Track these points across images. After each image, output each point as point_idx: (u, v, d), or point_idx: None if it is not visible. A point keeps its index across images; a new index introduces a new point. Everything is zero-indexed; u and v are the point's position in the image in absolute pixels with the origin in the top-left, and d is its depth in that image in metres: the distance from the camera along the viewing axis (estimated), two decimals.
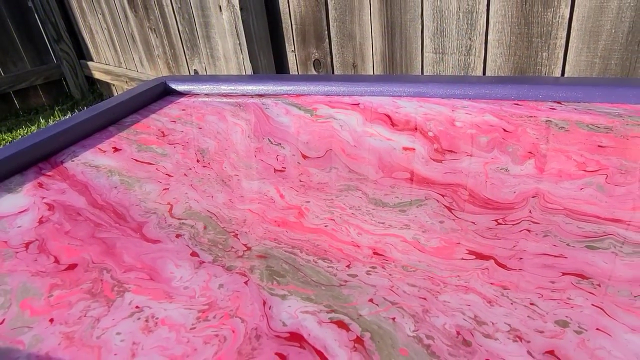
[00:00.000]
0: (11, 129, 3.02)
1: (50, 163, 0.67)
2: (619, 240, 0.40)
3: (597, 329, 0.32)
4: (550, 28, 1.33)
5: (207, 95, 0.87)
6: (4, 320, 0.39)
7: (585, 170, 0.51)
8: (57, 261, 0.45)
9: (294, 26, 1.98)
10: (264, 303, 0.38)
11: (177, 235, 0.48)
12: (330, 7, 1.81)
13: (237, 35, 2.00)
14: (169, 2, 2.50)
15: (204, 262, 0.43)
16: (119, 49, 3.05)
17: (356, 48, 1.83)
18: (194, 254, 0.45)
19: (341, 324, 0.35)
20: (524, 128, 0.61)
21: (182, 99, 0.87)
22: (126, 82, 3.00)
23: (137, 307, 0.39)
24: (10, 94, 3.29)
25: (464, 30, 1.50)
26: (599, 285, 0.36)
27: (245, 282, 0.40)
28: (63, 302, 0.40)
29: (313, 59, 2.00)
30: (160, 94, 0.89)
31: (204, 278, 0.41)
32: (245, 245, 0.45)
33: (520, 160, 0.55)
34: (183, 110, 0.82)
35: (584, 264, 0.38)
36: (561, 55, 1.34)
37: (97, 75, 3.25)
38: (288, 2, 1.94)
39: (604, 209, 0.44)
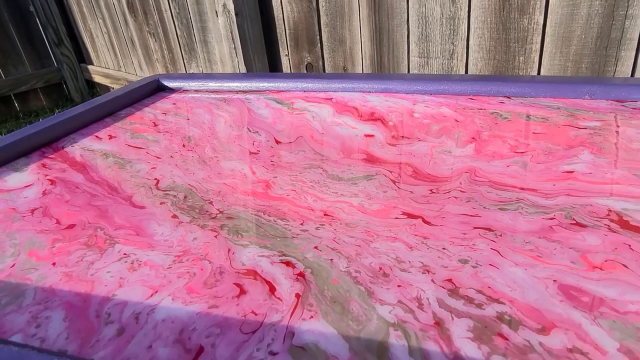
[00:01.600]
0: (11, 131, 3.12)
1: (53, 148, 0.76)
2: (527, 203, 0.49)
3: (490, 264, 0.41)
4: (526, 34, 1.43)
5: (196, 91, 0.97)
6: (14, 264, 0.48)
7: (515, 152, 0.60)
8: (58, 222, 0.55)
9: (287, 31, 2.09)
10: (229, 250, 0.47)
11: (161, 203, 0.57)
12: (321, 13, 1.92)
13: (233, 39, 2.10)
14: (168, 7, 2.62)
15: (182, 222, 0.53)
16: (118, 53, 3.16)
17: (346, 52, 1.93)
18: (174, 216, 0.54)
19: (289, 264, 0.44)
20: (473, 119, 0.71)
21: (173, 95, 0.96)
22: (125, 85, 3.10)
23: (124, 254, 0.48)
24: (11, 97, 3.40)
25: (447, 36, 1.60)
26: (501, 236, 0.45)
27: (215, 236, 0.49)
28: (63, 252, 0.49)
29: (306, 63, 2.11)
30: (153, 90, 0.99)
31: (181, 233, 0.50)
32: (218, 209, 0.55)
33: (463, 144, 0.64)
34: (174, 104, 0.91)
35: (493, 220, 0.47)
36: (536, 59, 1.44)
37: (97, 78, 3.37)
38: (282, 8, 2.04)
39: (522, 181, 0.54)
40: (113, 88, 3.32)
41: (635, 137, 0.60)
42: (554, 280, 0.39)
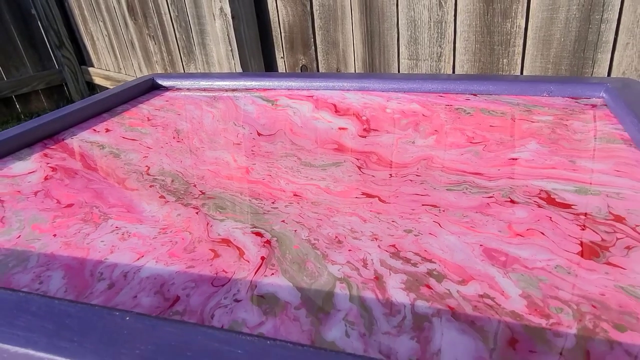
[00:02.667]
0: None
1: (54, 140, 0.84)
2: (472, 185, 0.57)
3: (430, 233, 0.49)
4: (509, 37, 1.50)
5: (188, 89, 1.05)
6: (20, 235, 0.55)
7: (471, 142, 0.68)
8: (58, 202, 0.62)
9: (282, 34, 2.17)
10: (207, 224, 0.54)
11: (150, 186, 0.65)
12: (315, 16, 2.00)
13: (229, 42, 2.19)
14: (167, 10, 2.71)
15: (168, 201, 0.60)
16: (118, 55, 3.25)
17: (340, 54, 2.01)
18: (161, 197, 0.62)
19: (258, 234, 0.51)
20: (439, 114, 0.78)
21: (166, 93, 1.04)
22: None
23: (116, 227, 0.55)
24: (13, 98, 3.50)
25: (435, 39, 1.68)
26: (444, 211, 0.52)
27: (196, 213, 0.57)
28: (63, 225, 0.57)
29: (300, 65, 2.18)
30: (149, 88, 1.07)
31: (167, 211, 0.58)
32: (200, 191, 0.62)
33: (426, 136, 0.71)
34: (167, 101, 0.99)
35: (440, 199, 0.55)
36: (519, 61, 1.51)
37: (97, 80, 3.46)
38: (277, 12, 2.13)
39: (471, 167, 0.61)
40: None
41: (578, 129, 0.68)
42: (480, 245, 0.46)
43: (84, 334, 0.36)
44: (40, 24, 3.58)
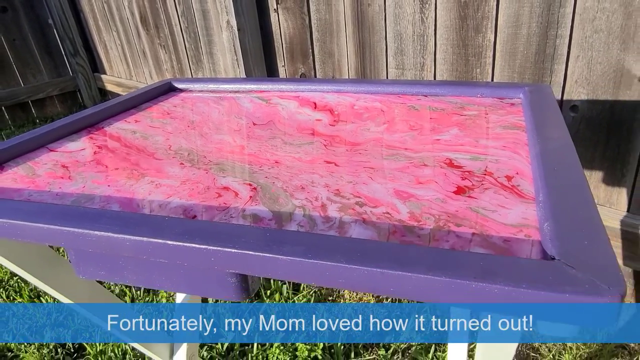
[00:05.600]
0: None
1: (95, 128, 1.13)
2: (401, 156, 0.84)
3: (363, 183, 0.76)
4: (480, 49, 1.78)
5: (199, 91, 1.34)
6: (84, 186, 0.83)
7: (411, 129, 0.95)
8: (107, 167, 0.91)
9: (283, 45, 2.47)
10: (214, 179, 0.82)
11: (173, 157, 0.93)
12: (313, 29, 2.30)
13: (235, 52, 2.49)
14: (178, 22, 3.02)
15: (186, 166, 0.88)
16: (130, 63, 3.58)
17: (335, 64, 2.30)
18: (181, 164, 0.89)
19: (248, 184, 0.79)
20: (393, 109, 1.06)
21: (181, 94, 1.33)
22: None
23: (151, 181, 0.83)
24: (29, 103, 3.83)
25: (418, 50, 1.96)
26: (377, 171, 0.79)
27: (206, 172, 0.85)
28: (113, 180, 0.85)
29: (300, 73, 2.48)
30: (166, 90, 1.36)
31: (185, 172, 0.86)
32: (209, 160, 0.90)
33: (380, 125, 0.99)
34: (181, 100, 1.28)
35: (377, 164, 0.82)
36: (490, 71, 1.79)
37: (109, 87, 3.78)
38: (279, 25, 2.43)
39: (404, 144, 0.88)
40: None
41: (492, 121, 0.95)
42: (394, 189, 0.73)
43: (141, 226, 0.63)
44: (56, 33, 3.94)
